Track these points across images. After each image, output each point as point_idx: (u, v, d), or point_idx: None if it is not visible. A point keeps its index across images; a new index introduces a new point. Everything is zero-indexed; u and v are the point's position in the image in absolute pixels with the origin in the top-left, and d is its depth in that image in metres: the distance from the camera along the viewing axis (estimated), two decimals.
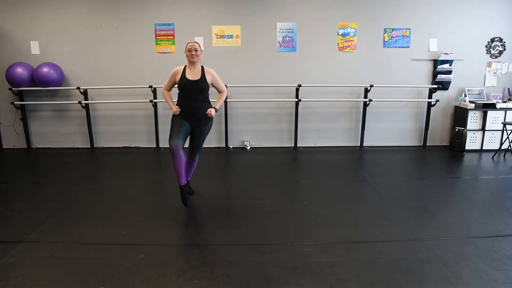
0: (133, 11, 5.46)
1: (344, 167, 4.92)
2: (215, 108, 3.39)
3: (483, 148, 5.66)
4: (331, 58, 5.66)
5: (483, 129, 5.59)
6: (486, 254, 2.65)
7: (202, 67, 3.36)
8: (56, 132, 5.81)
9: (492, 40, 5.64)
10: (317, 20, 5.55)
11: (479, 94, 5.66)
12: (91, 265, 2.52)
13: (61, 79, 5.47)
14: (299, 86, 5.53)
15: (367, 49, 5.64)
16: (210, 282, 2.32)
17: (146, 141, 5.87)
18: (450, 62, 5.60)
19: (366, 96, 5.65)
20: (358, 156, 5.46)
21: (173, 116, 3.36)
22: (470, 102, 5.53)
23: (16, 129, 5.75)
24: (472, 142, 5.63)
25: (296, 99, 5.55)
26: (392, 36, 5.60)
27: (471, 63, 5.70)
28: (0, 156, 5.50)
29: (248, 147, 5.80)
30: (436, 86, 5.63)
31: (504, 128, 5.44)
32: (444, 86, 5.71)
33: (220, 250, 2.72)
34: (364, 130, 5.82)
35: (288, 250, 2.71)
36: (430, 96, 5.70)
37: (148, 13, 5.47)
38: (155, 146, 5.81)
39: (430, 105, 5.71)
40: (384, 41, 5.63)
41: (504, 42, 5.64)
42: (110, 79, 5.62)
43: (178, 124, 3.30)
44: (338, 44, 5.63)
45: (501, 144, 5.56)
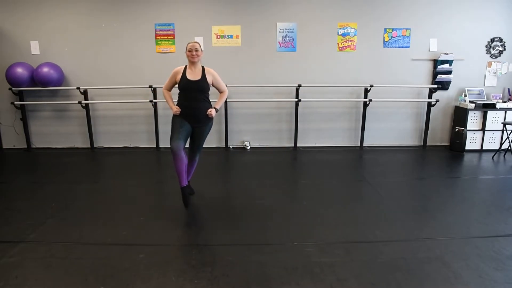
0: (133, 11, 5.46)
1: (344, 167, 4.92)
2: (216, 108, 3.40)
3: (483, 148, 5.66)
4: (331, 58, 5.66)
5: (483, 129, 5.59)
6: (486, 254, 2.65)
7: (203, 67, 3.36)
8: (56, 132, 5.81)
9: (492, 40, 5.64)
10: (317, 20, 5.55)
11: (479, 94, 5.66)
12: (91, 265, 2.52)
13: (61, 79, 5.47)
14: (299, 86, 5.53)
15: (367, 49, 5.64)
16: (210, 282, 2.32)
17: (146, 141, 5.88)
18: (450, 62, 5.60)
19: (366, 96, 5.65)
20: (358, 156, 5.46)
21: (173, 116, 3.36)
22: (470, 102, 5.53)
23: (16, 129, 5.75)
24: (472, 142, 5.63)
25: (296, 99, 5.55)
26: (392, 36, 5.60)
27: (471, 63, 5.70)
28: (0, 156, 5.51)
29: (248, 147, 5.80)
30: (436, 86, 5.63)
31: (504, 128, 5.44)
32: (444, 86, 5.71)
33: (220, 250, 2.72)
34: (364, 130, 5.82)
35: (288, 250, 2.71)
36: (430, 96, 5.71)
37: (148, 13, 5.47)
38: (155, 146, 5.81)
39: (430, 105, 5.71)
40: (384, 41, 5.63)
41: (504, 42, 5.64)
42: (110, 79, 5.62)
43: (179, 125, 3.30)
44: (338, 44, 5.63)
45: (501, 144, 5.56)
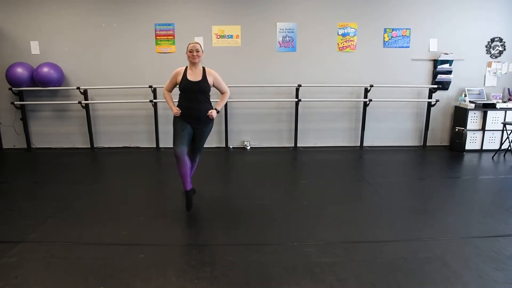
0: (133, 11, 5.46)
1: (344, 167, 4.92)
2: (217, 109, 3.38)
3: (483, 148, 5.66)
4: (331, 58, 5.66)
5: (483, 129, 5.59)
6: (486, 254, 2.65)
7: (204, 68, 3.35)
8: (56, 132, 5.81)
9: (492, 40, 5.64)
10: (317, 20, 5.55)
11: (479, 94, 5.66)
12: (91, 265, 2.52)
13: (61, 79, 5.47)
14: (299, 86, 5.53)
15: (367, 49, 5.64)
16: (210, 282, 2.32)
17: (146, 141, 5.88)
18: (450, 62, 5.60)
19: (366, 96, 5.65)
20: (358, 156, 5.46)
21: (174, 118, 3.33)
22: (470, 102, 5.53)
23: (16, 129, 5.75)
24: (472, 142, 5.63)
25: (296, 99, 5.55)
26: (392, 36, 5.60)
27: (471, 63, 5.70)
28: (0, 156, 5.51)
29: (248, 147, 5.80)
30: (436, 86, 5.63)
31: (504, 128, 5.44)
32: (444, 86, 5.71)
33: (220, 250, 2.72)
34: (364, 130, 5.82)
35: (288, 250, 2.71)
36: (430, 96, 5.70)
37: (148, 13, 5.47)
38: (155, 146, 5.81)
39: (430, 105, 5.71)
40: (384, 41, 5.63)
41: (504, 42, 5.64)
42: (110, 79, 5.62)
43: (180, 128, 3.27)
44: (338, 44, 5.63)
45: (501, 144, 5.56)
